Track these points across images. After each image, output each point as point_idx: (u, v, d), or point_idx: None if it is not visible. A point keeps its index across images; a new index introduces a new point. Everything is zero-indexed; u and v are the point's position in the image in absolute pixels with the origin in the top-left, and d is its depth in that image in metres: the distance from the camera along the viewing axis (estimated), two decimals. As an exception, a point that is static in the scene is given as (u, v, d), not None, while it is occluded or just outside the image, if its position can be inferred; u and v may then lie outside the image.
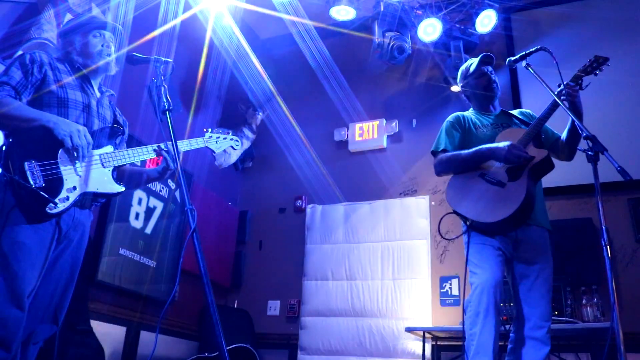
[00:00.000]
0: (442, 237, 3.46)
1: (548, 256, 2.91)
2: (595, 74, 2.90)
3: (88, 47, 2.62)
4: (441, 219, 3.17)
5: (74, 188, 2.35)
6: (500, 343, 2.80)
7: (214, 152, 2.88)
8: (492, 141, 2.99)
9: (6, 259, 2.15)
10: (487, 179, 2.90)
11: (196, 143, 2.80)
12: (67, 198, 2.31)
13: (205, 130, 2.87)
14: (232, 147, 2.93)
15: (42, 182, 2.25)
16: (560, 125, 3.11)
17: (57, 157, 2.33)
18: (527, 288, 2.83)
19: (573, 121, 2.87)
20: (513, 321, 2.90)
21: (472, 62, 3.31)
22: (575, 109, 2.84)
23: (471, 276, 2.85)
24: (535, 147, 2.91)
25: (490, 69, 3.27)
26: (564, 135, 3.05)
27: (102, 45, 2.65)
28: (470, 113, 3.29)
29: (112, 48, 2.69)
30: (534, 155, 2.84)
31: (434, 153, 3.16)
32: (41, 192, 2.22)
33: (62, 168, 2.33)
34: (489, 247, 2.83)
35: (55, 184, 2.29)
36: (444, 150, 3.10)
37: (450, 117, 3.25)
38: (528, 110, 3.36)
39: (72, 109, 2.48)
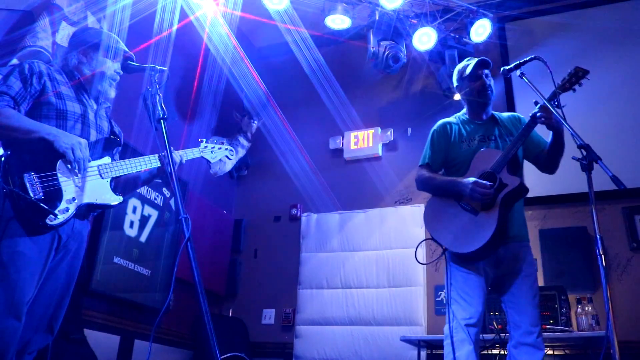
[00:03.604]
0: (417, 261, 3.50)
1: (530, 263, 2.93)
2: (574, 90, 2.82)
3: (99, 64, 2.63)
4: (418, 245, 3.37)
5: (73, 199, 2.35)
6: (498, 352, 2.83)
7: (210, 162, 2.90)
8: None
9: (5, 269, 2.14)
10: (462, 205, 2.94)
11: (192, 153, 2.83)
12: (67, 209, 2.31)
13: (200, 140, 2.90)
14: (226, 157, 2.96)
15: (41, 194, 2.24)
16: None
17: (55, 168, 2.33)
18: (514, 297, 2.85)
19: (554, 136, 2.89)
20: (508, 330, 2.91)
21: (469, 64, 3.24)
22: (553, 129, 2.85)
23: (453, 303, 2.88)
24: (510, 172, 2.89)
25: (487, 72, 3.20)
26: (547, 148, 3.03)
27: (114, 72, 2.67)
28: (458, 119, 3.24)
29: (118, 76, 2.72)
30: (506, 183, 2.86)
31: (420, 166, 3.19)
32: (41, 204, 2.21)
33: (60, 179, 2.33)
34: (474, 276, 2.87)
35: (54, 195, 2.29)
36: (428, 165, 3.14)
37: (436, 126, 3.24)
38: (517, 114, 3.28)
39: (71, 121, 2.48)
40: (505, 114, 3.26)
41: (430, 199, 3.13)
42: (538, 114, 2.79)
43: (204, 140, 2.91)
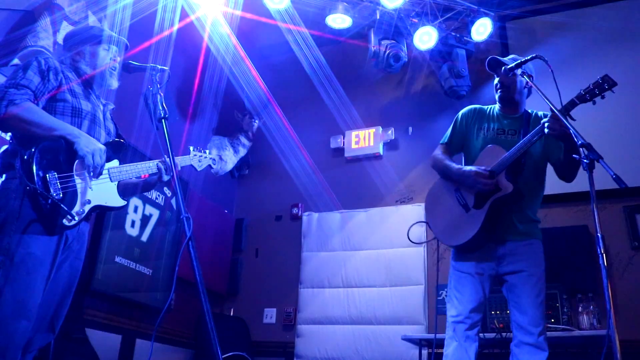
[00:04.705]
0: (409, 240, 3.65)
1: (536, 262, 2.91)
2: (594, 102, 2.69)
3: (96, 59, 2.64)
4: (412, 225, 3.57)
5: (89, 201, 2.38)
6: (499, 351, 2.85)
7: (197, 170, 2.99)
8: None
9: (17, 270, 2.14)
10: (457, 197, 3.04)
11: (183, 161, 2.90)
12: (83, 211, 2.34)
13: (189, 147, 2.98)
14: (210, 165, 3.05)
15: (60, 194, 2.25)
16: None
17: (72, 169, 2.34)
18: (516, 296, 2.86)
19: (564, 147, 2.81)
20: (511, 329, 2.92)
21: None
22: (562, 141, 2.76)
23: (448, 300, 3.04)
24: (507, 177, 2.88)
25: (503, 69, 3.01)
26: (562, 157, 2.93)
27: (110, 59, 2.67)
28: (490, 108, 3.25)
29: (118, 64, 2.72)
30: (500, 188, 2.87)
31: (440, 144, 3.29)
32: (62, 205, 2.22)
33: (76, 181, 2.35)
34: (467, 275, 2.96)
35: (70, 196, 2.30)
36: (446, 144, 3.24)
37: (464, 109, 3.31)
38: (548, 113, 3.08)
39: (85, 120, 2.49)
40: (541, 112, 3.17)
41: (437, 181, 3.24)
42: (546, 124, 2.71)
43: (193, 147, 2.99)
